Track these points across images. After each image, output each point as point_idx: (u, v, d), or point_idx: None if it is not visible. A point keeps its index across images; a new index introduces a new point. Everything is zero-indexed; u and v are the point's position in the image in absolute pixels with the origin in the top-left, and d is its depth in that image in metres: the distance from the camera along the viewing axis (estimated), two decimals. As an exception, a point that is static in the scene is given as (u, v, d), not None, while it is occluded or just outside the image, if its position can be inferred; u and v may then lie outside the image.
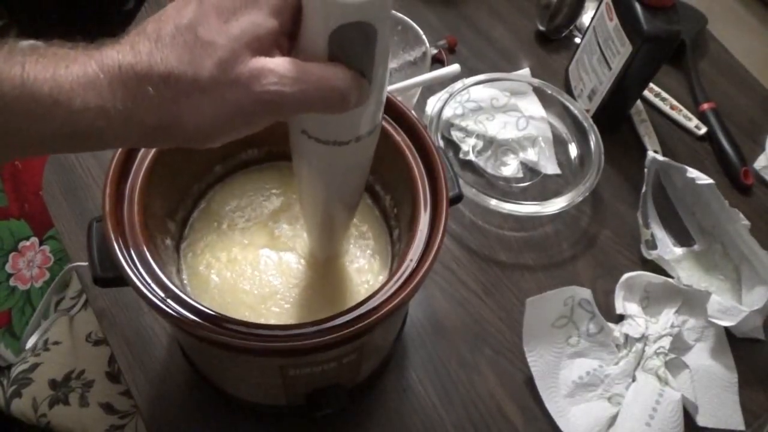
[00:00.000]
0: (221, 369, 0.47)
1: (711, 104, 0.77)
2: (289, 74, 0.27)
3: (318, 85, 0.28)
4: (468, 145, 0.70)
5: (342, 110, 0.29)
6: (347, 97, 0.29)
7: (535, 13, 0.83)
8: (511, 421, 0.55)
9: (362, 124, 0.33)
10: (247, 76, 0.27)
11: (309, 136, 0.33)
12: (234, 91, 0.27)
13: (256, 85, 0.27)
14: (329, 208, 0.41)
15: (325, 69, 0.28)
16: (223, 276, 0.47)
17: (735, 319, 0.58)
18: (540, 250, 0.65)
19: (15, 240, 0.80)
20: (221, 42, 0.26)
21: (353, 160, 0.36)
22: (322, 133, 0.33)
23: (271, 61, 0.27)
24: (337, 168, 0.36)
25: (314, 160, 0.36)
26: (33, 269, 0.82)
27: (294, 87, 0.27)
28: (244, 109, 0.27)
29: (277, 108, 0.28)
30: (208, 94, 0.27)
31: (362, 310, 0.37)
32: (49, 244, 0.84)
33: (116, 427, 0.74)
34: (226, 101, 0.27)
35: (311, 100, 0.28)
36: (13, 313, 0.79)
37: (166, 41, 0.27)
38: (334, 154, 0.34)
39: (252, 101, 0.27)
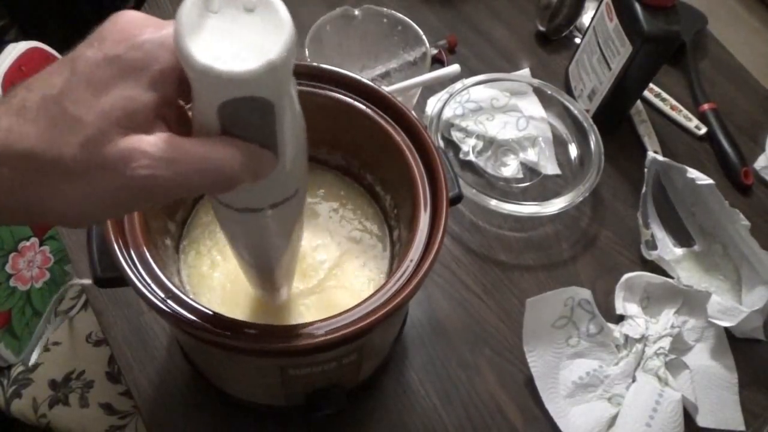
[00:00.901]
0: (221, 369, 0.47)
1: (711, 104, 0.77)
2: (163, 155, 0.24)
3: (198, 166, 0.25)
4: (468, 145, 0.70)
5: (232, 187, 0.26)
6: (236, 175, 0.26)
7: (535, 13, 0.83)
8: (511, 422, 0.55)
9: (274, 193, 0.31)
10: (116, 158, 0.24)
11: (220, 202, 0.31)
12: (101, 175, 0.24)
13: (126, 169, 0.24)
14: (258, 268, 0.39)
15: (209, 146, 0.25)
16: (223, 276, 0.47)
17: (735, 320, 0.58)
18: (540, 251, 0.65)
19: (15, 240, 0.80)
20: (89, 119, 0.24)
21: (272, 226, 0.34)
22: (233, 201, 0.31)
23: (144, 141, 0.24)
24: (255, 233, 0.34)
25: (230, 225, 0.34)
26: (33, 269, 0.82)
27: (168, 170, 0.24)
28: (114, 195, 0.24)
29: (151, 194, 0.25)
30: (73, 177, 0.24)
31: (362, 310, 0.37)
32: (49, 244, 0.84)
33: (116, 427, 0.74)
34: (92, 185, 0.24)
35: (190, 183, 0.25)
36: (13, 314, 0.79)
37: (30, 114, 0.24)
38: (250, 221, 0.32)
39: (122, 186, 0.24)
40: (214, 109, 0.25)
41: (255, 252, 0.37)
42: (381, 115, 0.46)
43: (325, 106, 0.47)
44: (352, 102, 0.46)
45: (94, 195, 0.24)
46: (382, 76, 0.70)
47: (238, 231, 0.35)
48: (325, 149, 0.51)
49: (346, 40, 0.67)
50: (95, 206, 0.25)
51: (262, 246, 0.36)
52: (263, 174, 0.28)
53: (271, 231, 0.34)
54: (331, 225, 0.50)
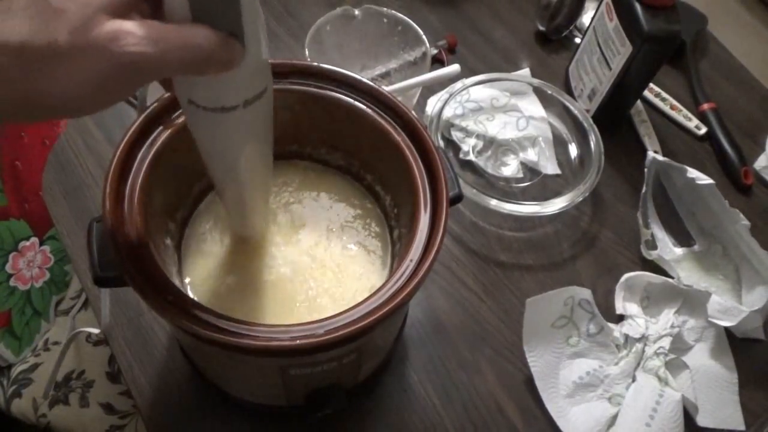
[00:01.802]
0: (221, 369, 0.47)
1: (711, 104, 0.77)
2: (148, 35, 0.27)
3: (180, 44, 0.28)
4: (468, 145, 0.70)
5: (211, 70, 0.29)
6: (213, 55, 0.29)
7: (535, 14, 0.83)
8: (511, 421, 0.55)
9: (246, 87, 0.33)
10: (104, 38, 0.26)
11: (196, 105, 0.33)
12: (93, 56, 0.26)
13: (115, 47, 0.26)
14: (237, 180, 0.40)
15: (186, 29, 0.28)
16: (223, 276, 0.47)
17: (735, 320, 0.58)
18: (540, 250, 0.65)
19: (15, 240, 0.80)
20: (74, 8, 0.26)
21: (247, 126, 0.36)
22: (207, 99, 0.33)
23: (128, 23, 0.27)
24: (231, 137, 0.36)
25: (206, 130, 0.36)
26: (33, 269, 0.82)
27: (155, 47, 0.27)
28: (105, 74, 0.27)
29: (140, 69, 0.27)
30: (67, 61, 0.26)
31: (362, 310, 0.37)
32: (49, 244, 0.84)
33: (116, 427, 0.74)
34: (86, 67, 0.27)
35: (175, 60, 0.28)
36: (13, 314, 0.79)
37: (18, 10, 0.26)
38: (224, 122, 0.34)
39: (113, 64, 0.27)
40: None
41: (229, 161, 0.38)
42: (381, 115, 0.46)
43: (325, 106, 0.47)
44: (352, 102, 0.46)
45: (88, 76, 0.27)
46: (382, 76, 0.70)
47: (212, 136, 0.36)
48: (325, 149, 0.51)
49: (346, 40, 0.67)
50: (91, 88, 0.27)
51: (236, 152, 0.37)
52: (234, 61, 0.30)
53: (244, 132, 0.36)
54: (331, 224, 0.50)
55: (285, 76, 0.46)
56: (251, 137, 0.37)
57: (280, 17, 0.80)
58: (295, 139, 0.51)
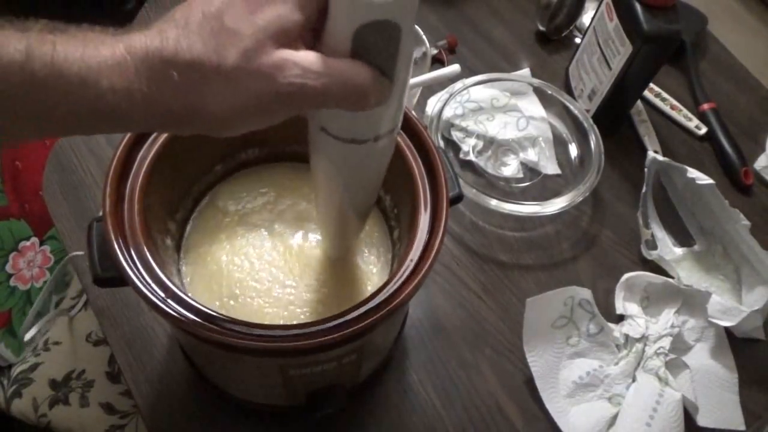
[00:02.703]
0: (221, 369, 0.47)
1: (711, 104, 0.77)
2: (313, 67, 0.27)
3: (340, 80, 0.28)
4: (468, 145, 0.70)
5: (362, 108, 0.29)
6: (368, 95, 0.29)
7: (535, 13, 0.83)
8: (511, 421, 0.55)
9: (382, 124, 0.33)
10: (271, 66, 0.27)
11: (328, 133, 0.33)
12: (256, 81, 0.27)
13: (279, 77, 0.27)
14: (344, 208, 0.41)
15: (349, 65, 0.28)
16: (223, 276, 0.47)
17: (735, 320, 0.58)
18: (540, 250, 0.65)
19: (15, 240, 0.80)
20: (247, 32, 0.27)
21: (371, 159, 0.36)
22: (342, 130, 0.33)
23: (296, 54, 0.27)
24: (354, 167, 0.36)
25: (332, 158, 0.36)
26: (33, 269, 0.82)
27: (317, 81, 0.27)
28: (265, 100, 0.28)
29: (298, 101, 0.28)
30: (231, 82, 0.27)
31: (362, 310, 0.37)
32: (50, 244, 0.84)
33: (116, 427, 0.74)
34: (247, 90, 0.27)
35: (333, 95, 0.28)
36: (13, 314, 0.79)
37: (193, 28, 0.27)
38: (352, 153, 0.34)
39: (273, 92, 0.27)
40: (351, 32, 0.28)
41: (343, 187, 0.38)
42: (381, 115, 0.46)
43: (326, 106, 0.47)
44: (353, 102, 0.46)
45: (247, 99, 0.27)
46: (382, 76, 0.69)
47: (340, 164, 0.36)
48: (325, 149, 0.51)
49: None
50: (246, 110, 0.28)
51: (353, 180, 0.38)
52: (383, 99, 0.30)
53: (368, 163, 0.36)
54: (331, 225, 0.50)
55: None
56: (372, 168, 0.38)
57: (280, 17, 0.80)
58: (295, 140, 0.51)
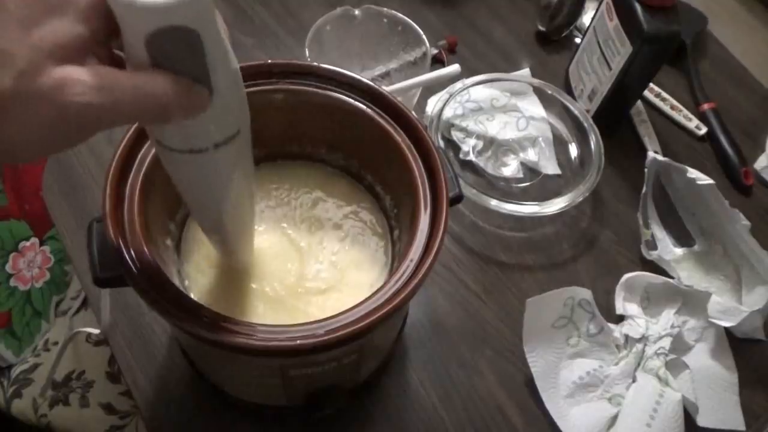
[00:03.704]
0: (221, 369, 0.47)
1: (711, 104, 0.77)
2: (98, 83, 0.25)
3: (131, 93, 0.26)
4: (468, 145, 0.70)
5: (168, 119, 0.28)
6: (169, 105, 0.27)
7: (535, 14, 0.83)
8: (511, 422, 0.55)
9: (215, 130, 0.31)
10: (50, 86, 0.25)
11: (164, 146, 0.32)
12: (38, 104, 0.25)
13: (60, 96, 0.25)
14: (212, 219, 0.40)
15: (144, 77, 0.27)
16: (223, 276, 0.47)
17: (735, 320, 0.58)
18: (540, 251, 0.65)
19: (15, 240, 0.80)
20: (21, 52, 0.25)
21: (219, 168, 0.34)
22: (174, 142, 0.31)
23: (76, 71, 0.25)
24: (203, 178, 0.35)
25: (177, 170, 0.34)
26: (33, 270, 0.82)
27: (104, 97, 0.25)
28: (53, 123, 0.25)
29: (88, 120, 0.26)
30: (11, 109, 0.25)
31: (362, 310, 0.37)
32: (50, 244, 0.84)
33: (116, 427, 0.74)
34: (31, 115, 0.25)
35: (127, 111, 0.26)
36: (13, 314, 0.79)
37: None
38: (196, 164, 0.33)
39: (59, 114, 0.25)
40: (142, 42, 0.26)
41: (203, 199, 0.37)
42: (381, 115, 0.46)
43: (325, 106, 0.47)
44: (352, 102, 0.46)
45: (34, 124, 0.25)
46: (382, 76, 0.70)
47: (185, 175, 0.35)
48: (324, 149, 0.51)
49: (346, 40, 0.67)
50: (35, 136, 0.26)
51: (209, 191, 0.36)
52: (198, 107, 0.29)
53: (218, 174, 0.35)
54: (331, 225, 0.50)
55: (285, 76, 0.46)
56: (224, 177, 0.35)
57: (280, 17, 0.80)
58: (295, 139, 0.51)
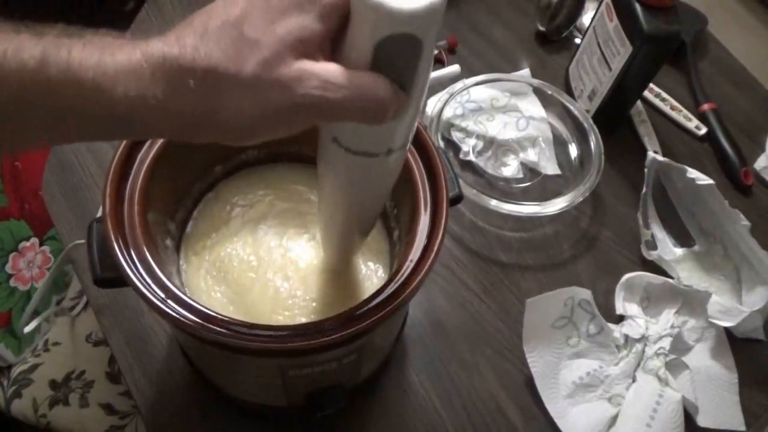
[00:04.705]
0: (221, 369, 0.47)
1: (711, 105, 0.77)
2: (333, 80, 0.27)
3: (359, 93, 0.27)
4: (468, 145, 0.70)
5: (378, 122, 0.29)
6: (386, 109, 0.28)
7: (535, 14, 0.83)
8: (511, 422, 0.55)
9: (396, 138, 0.33)
10: (290, 77, 0.27)
11: (339, 145, 0.33)
12: (275, 92, 0.27)
13: (298, 88, 0.27)
14: (348, 221, 0.40)
15: (368, 78, 0.28)
16: (223, 276, 0.47)
17: (735, 320, 0.58)
18: (540, 251, 0.65)
19: (15, 240, 0.80)
20: (266, 41, 0.26)
21: (381, 173, 0.36)
22: (354, 143, 0.32)
23: (316, 65, 0.27)
24: (363, 181, 0.36)
25: (342, 169, 0.35)
26: (33, 270, 0.82)
27: (336, 93, 0.27)
28: (283, 111, 0.27)
29: (316, 112, 0.28)
30: (249, 92, 0.27)
31: (362, 310, 0.37)
32: (49, 244, 0.84)
33: (116, 427, 0.74)
34: (266, 100, 0.27)
35: (351, 109, 0.28)
36: (13, 314, 0.79)
37: (212, 36, 0.27)
38: (363, 166, 0.34)
39: (292, 103, 0.27)
40: (372, 45, 0.27)
41: (350, 199, 0.38)
42: (381, 116, 0.46)
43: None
44: (353, 102, 0.46)
45: (265, 109, 0.27)
46: (382, 76, 0.69)
47: (345, 176, 0.36)
48: (325, 149, 0.51)
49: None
50: (264, 120, 0.28)
51: (362, 192, 0.37)
52: (400, 114, 0.30)
53: (378, 176, 0.36)
54: (331, 225, 0.50)
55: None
56: (381, 183, 0.37)
57: (280, 17, 0.80)
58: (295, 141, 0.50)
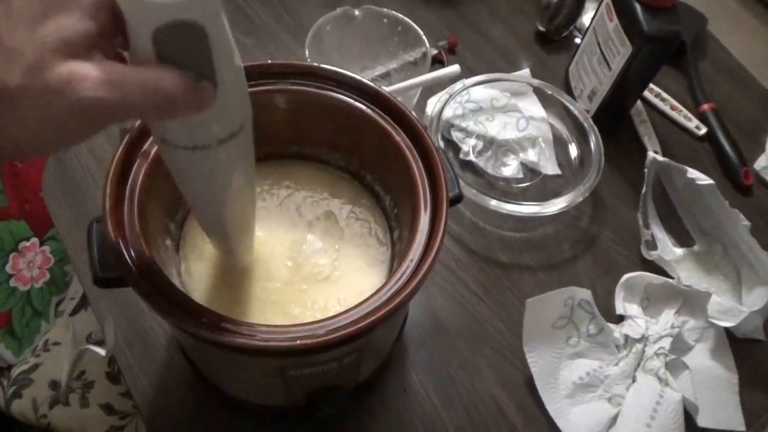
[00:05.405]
0: (221, 369, 0.47)
1: (711, 104, 0.77)
2: (106, 78, 0.26)
3: (141, 88, 0.26)
4: (468, 145, 0.70)
5: (175, 114, 0.28)
6: (179, 99, 0.27)
7: (535, 14, 0.83)
8: (511, 422, 0.55)
9: (219, 126, 0.32)
10: (59, 80, 0.25)
11: (168, 144, 0.32)
12: (47, 99, 0.25)
13: (70, 92, 0.25)
14: (213, 217, 0.40)
15: (151, 72, 0.27)
16: (223, 277, 0.47)
17: (735, 320, 0.58)
18: (540, 251, 0.65)
19: (15, 240, 0.80)
20: (28, 48, 0.25)
21: (222, 165, 0.35)
22: (178, 138, 0.32)
23: (84, 66, 0.26)
24: (206, 175, 0.35)
25: (181, 168, 0.35)
26: (33, 270, 0.82)
27: (113, 92, 0.26)
28: (64, 117, 0.26)
29: (98, 115, 0.26)
30: (20, 103, 0.25)
31: (362, 310, 0.37)
32: (50, 244, 0.84)
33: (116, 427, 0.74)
34: (39, 111, 0.25)
35: (135, 105, 0.27)
36: (13, 314, 0.79)
37: None
38: (201, 161, 0.33)
39: (69, 108, 0.25)
40: (148, 37, 0.26)
41: (205, 197, 0.38)
42: (381, 116, 0.46)
43: (325, 106, 0.47)
44: (352, 102, 0.46)
45: (42, 120, 0.26)
46: (382, 76, 0.70)
47: (188, 173, 0.35)
48: (325, 149, 0.51)
49: (346, 40, 0.67)
50: (46, 131, 0.26)
51: (212, 188, 0.36)
52: (204, 102, 0.29)
53: (221, 171, 0.35)
54: (331, 225, 0.50)
55: (285, 76, 0.46)
56: (227, 174, 0.36)
57: (280, 17, 0.80)
58: (295, 140, 0.51)
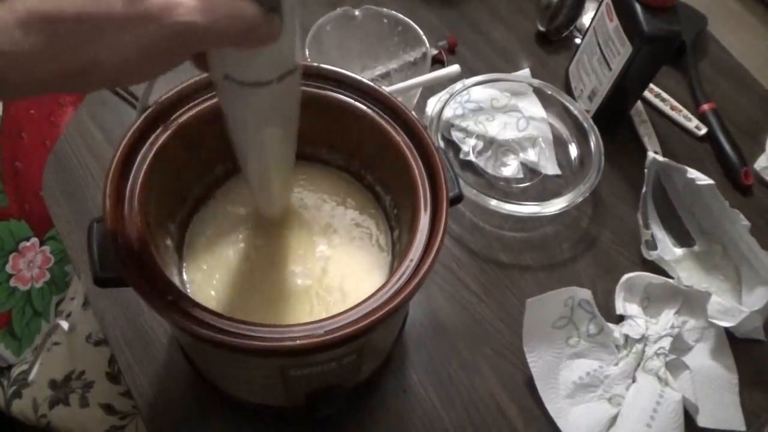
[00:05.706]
0: (221, 369, 0.47)
1: (711, 105, 0.77)
2: (198, 5, 0.28)
3: (227, 15, 0.29)
4: (468, 145, 0.70)
5: (253, 44, 0.31)
6: (256, 29, 0.30)
7: (535, 14, 0.83)
8: (511, 422, 0.55)
9: (281, 61, 0.35)
10: (157, 8, 0.27)
11: (232, 80, 0.34)
12: (147, 25, 0.27)
13: (167, 18, 0.27)
14: (260, 157, 0.42)
15: (234, 1, 0.29)
16: (223, 277, 0.47)
17: (735, 320, 0.58)
18: (540, 251, 0.65)
19: (15, 240, 0.80)
20: None
21: (279, 101, 0.37)
22: (243, 74, 0.34)
23: None
24: (264, 112, 0.38)
25: (241, 106, 0.37)
26: (33, 270, 0.82)
27: (204, 17, 0.28)
28: (158, 43, 0.28)
29: (190, 40, 0.29)
30: (122, 30, 0.27)
31: (362, 310, 0.37)
32: (50, 244, 0.84)
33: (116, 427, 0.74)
34: (139, 35, 0.28)
35: (222, 32, 0.29)
36: (13, 314, 0.79)
37: None
38: (259, 97, 0.36)
39: (165, 34, 0.28)
40: None
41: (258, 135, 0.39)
42: (381, 116, 0.46)
43: (325, 106, 0.47)
44: (353, 102, 0.46)
45: (142, 45, 0.28)
46: (382, 76, 0.70)
47: (246, 110, 0.37)
48: (325, 149, 0.51)
49: (346, 40, 0.67)
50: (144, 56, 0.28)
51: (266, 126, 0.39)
52: (274, 35, 0.31)
53: (276, 107, 0.38)
54: (331, 225, 0.50)
55: (285, 76, 0.46)
56: (282, 112, 0.39)
57: (280, 17, 0.80)
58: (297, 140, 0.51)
